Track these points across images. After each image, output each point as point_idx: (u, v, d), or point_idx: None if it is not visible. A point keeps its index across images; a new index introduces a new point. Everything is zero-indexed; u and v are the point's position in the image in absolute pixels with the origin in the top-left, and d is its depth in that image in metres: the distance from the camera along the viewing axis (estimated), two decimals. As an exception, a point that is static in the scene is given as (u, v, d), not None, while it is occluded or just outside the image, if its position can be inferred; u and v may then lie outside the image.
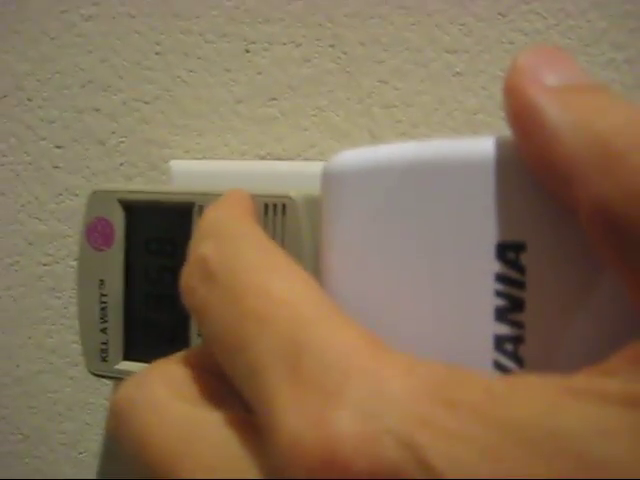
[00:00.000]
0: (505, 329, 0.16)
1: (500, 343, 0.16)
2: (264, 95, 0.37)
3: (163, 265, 0.31)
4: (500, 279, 0.16)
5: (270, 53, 0.36)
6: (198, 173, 0.36)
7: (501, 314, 0.16)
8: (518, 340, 0.16)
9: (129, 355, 0.32)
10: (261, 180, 0.35)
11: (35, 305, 0.40)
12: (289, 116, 0.36)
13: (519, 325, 0.16)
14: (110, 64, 0.38)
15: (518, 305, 0.16)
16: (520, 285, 0.16)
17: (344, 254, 0.17)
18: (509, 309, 0.16)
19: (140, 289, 0.31)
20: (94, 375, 0.32)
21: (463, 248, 0.16)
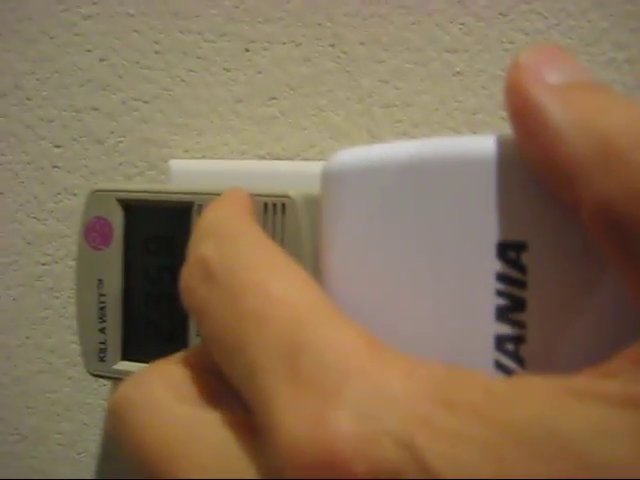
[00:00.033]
0: (506, 329, 0.16)
1: (501, 343, 0.16)
2: (264, 94, 0.37)
3: (162, 265, 0.31)
4: (501, 278, 0.16)
5: (270, 52, 0.36)
6: (197, 172, 0.36)
7: (502, 314, 0.16)
8: (519, 340, 0.16)
9: (128, 355, 0.31)
10: (260, 180, 0.35)
11: (34, 305, 0.40)
12: (289, 116, 0.36)
13: (520, 325, 0.16)
14: (109, 63, 0.38)
15: (519, 305, 0.16)
16: (521, 285, 0.16)
17: (344, 253, 0.17)
18: (510, 309, 0.16)
19: (139, 289, 0.31)
20: (92, 375, 0.32)
21: (464, 247, 0.16)
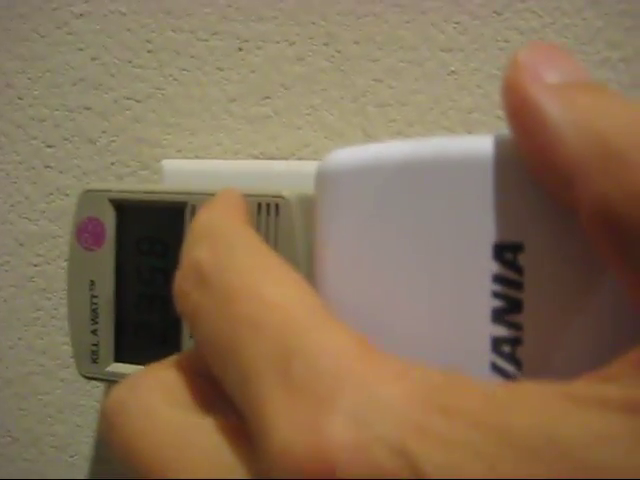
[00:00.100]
0: (502, 330, 0.16)
1: (497, 345, 0.16)
2: (257, 94, 0.36)
3: (155, 266, 0.31)
4: (497, 280, 0.16)
5: (263, 51, 0.36)
6: (190, 172, 0.36)
7: (498, 315, 0.16)
8: (516, 342, 0.16)
9: (120, 357, 0.31)
10: (254, 179, 0.35)
11: (25, 306, 0.40)
12: (283, 115, 0.36)
13: (517, 326, 0.16)
14: (101, 62, 0.38)
15: (516, 306, 0.16)
16: (518, 286, 0.16)
17: (339, 254, 0.17)
18: (507, 310, 0.16)
19: (131, 290, 0.31)
20: (85, 377, 0.32)
21: (460, 248, 0.16)
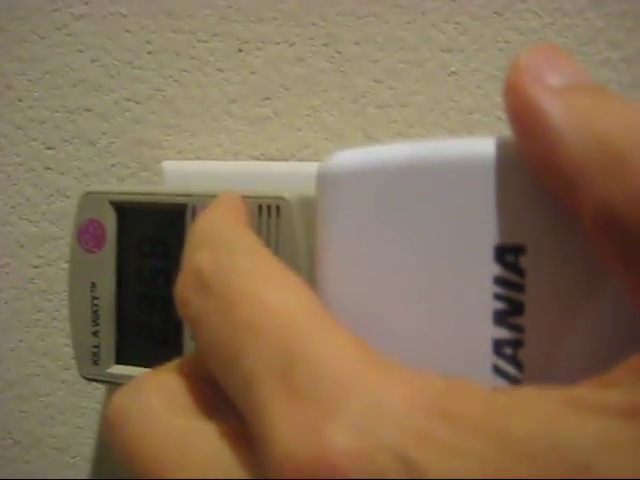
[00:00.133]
0: (504, 333, 0.16)
1: (499, 347, 0.16)
2: (257, 95, 0.36)
3: (156, 267, 0.31)
4: (499, 282, 0.16)
5: (263, 52, 0.36)
6: (191, 174, 0.36)
7: (500, 317, 0.16)
8: (517, 344, 0.16)
9: (121, 359, 0.31)
10: (255, 181, 0.35)
11: (27, 308, 0.40)
12: (283, 116, 0.36)
13: (518, 329, 0.16)
14: (101, 64, 0.38)
15: (517, 308, 0.16)
16: (519, 288, 0.16)
17: (340, 257, 0.17)
18: (508, 312, 0.16)
19: (132, 291, 0.31)
20: (86, 379, 0.32)
21: (461, 250, 0.16)
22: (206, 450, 0.14)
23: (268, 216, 0.27)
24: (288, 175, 0.35)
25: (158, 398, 0.16)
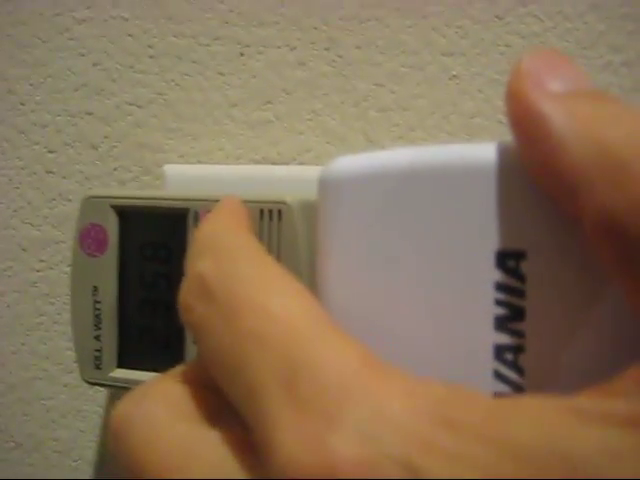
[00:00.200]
0: (505, 338, 0.16)
1: (500, 352, 0.16)
2: (259, 99, 0.36)
3: (158, 271, 0.31)
4: (500, 288, 0.16)
5: (265, 56, 0.36)
6: (192, 178, 0.36)
7: (501, 323, 0.16)
8: (518, 349, 0.16)
9: (123, 362, 0.31)
10: (256, 185, 0.35)
11: (29, 311, 0.40)
12: (284, 120, 0.36)
13: (519, 334, 0.16)
14: (103, 67, 0.38)
15: (518, 314, 0.16)
16: (520, 294, 0.16)
17: (341, 262, 0.17)
18: (509, 318, 0.16)
19: (134, 295, 0.31)
20: (88, 383, 0.32)
21: (462, 256, 0.16)
22: (209, 457, 0.14)
23: (270, 220, 0.27)
24: (289, 179, 0.35)
25: (162, 405, 0.16)
